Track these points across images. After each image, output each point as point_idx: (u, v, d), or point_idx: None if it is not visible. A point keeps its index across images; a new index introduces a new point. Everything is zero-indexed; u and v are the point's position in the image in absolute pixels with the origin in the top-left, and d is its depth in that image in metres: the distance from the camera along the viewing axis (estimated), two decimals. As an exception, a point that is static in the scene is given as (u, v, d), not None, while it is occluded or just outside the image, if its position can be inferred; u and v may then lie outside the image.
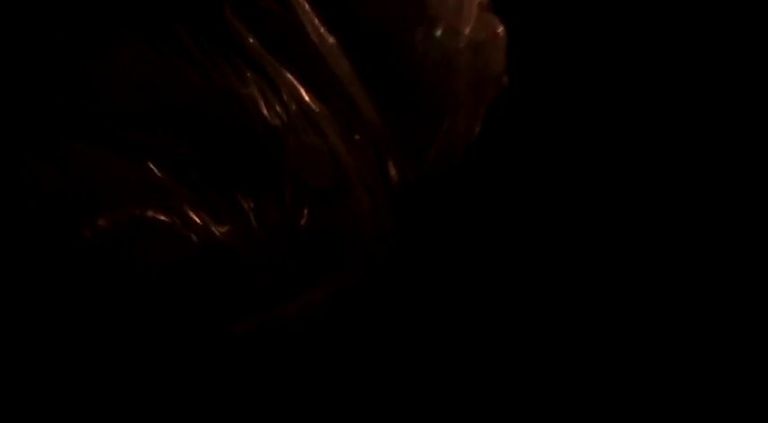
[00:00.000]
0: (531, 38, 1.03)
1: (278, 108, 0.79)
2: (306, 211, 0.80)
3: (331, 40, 0.82)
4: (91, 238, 0.74)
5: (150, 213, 0.77)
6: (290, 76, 0.80)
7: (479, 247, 1.25)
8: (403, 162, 0.84)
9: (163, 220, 0.77)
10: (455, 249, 1.19)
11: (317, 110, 0.80)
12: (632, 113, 1.29)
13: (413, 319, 1.19)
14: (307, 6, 0.79)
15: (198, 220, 0.77)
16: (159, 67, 0.75)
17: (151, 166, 0.78)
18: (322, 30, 0.81)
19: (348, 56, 0.82)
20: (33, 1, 0.79)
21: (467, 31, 0.87)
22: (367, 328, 1.05)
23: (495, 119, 1.01)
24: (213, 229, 0.78)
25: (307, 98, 0.80)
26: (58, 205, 0.74)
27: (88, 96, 0.76)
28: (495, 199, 1.27)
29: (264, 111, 0.78)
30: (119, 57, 0.75)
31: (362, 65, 0.81)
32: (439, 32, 0.88)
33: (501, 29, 0.90)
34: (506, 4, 0.93)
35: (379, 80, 0.82)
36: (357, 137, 0.82)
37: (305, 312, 0.80)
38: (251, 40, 0.79)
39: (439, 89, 0.86)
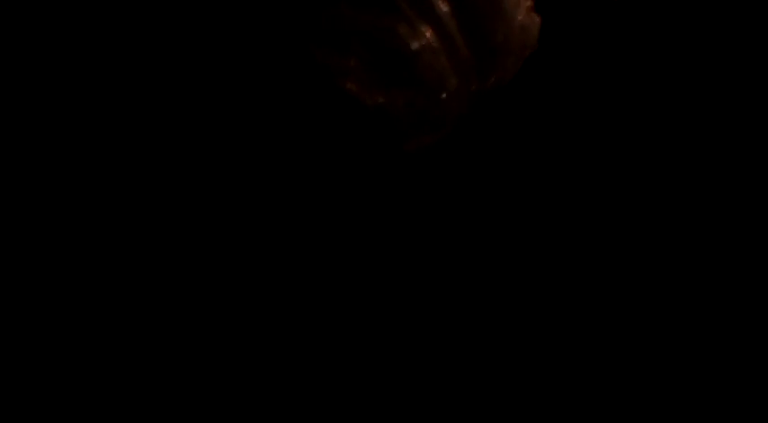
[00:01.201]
0: (553, 28, 1.37)
1: (418, 43, 1.29)
2: (428, 97, 1.34)
3: (446, 8, 1.28)
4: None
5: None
6: (424, 27, 1.28)
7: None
8: (479, 80, 1.34)
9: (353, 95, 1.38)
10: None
11: (437, 46, 1.29)
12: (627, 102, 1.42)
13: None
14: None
15: (375, 94, 1.38)
16: (364, 14, 1.34)
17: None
18: (441, 2, 1.29)
19: (456, 19, 1.29)
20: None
21: (519, 18, 1.33)
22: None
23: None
24: (382, 100, 1.36)
25: (431, 39, 1.28)
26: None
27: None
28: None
29: (412, 42, 1.29)
30: (346, 8, 1.36)
31: (463, 25, 1.32)
32: (505, 19, 1.35)
33: (538, 19, 1.34)
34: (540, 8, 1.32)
35: (471, 35, 1.32)
36: (456, 64, 1.30)
37: (425, 145, 1.42)
38: (406, 9, 1.31)
39: (503, 46, 1.34)
